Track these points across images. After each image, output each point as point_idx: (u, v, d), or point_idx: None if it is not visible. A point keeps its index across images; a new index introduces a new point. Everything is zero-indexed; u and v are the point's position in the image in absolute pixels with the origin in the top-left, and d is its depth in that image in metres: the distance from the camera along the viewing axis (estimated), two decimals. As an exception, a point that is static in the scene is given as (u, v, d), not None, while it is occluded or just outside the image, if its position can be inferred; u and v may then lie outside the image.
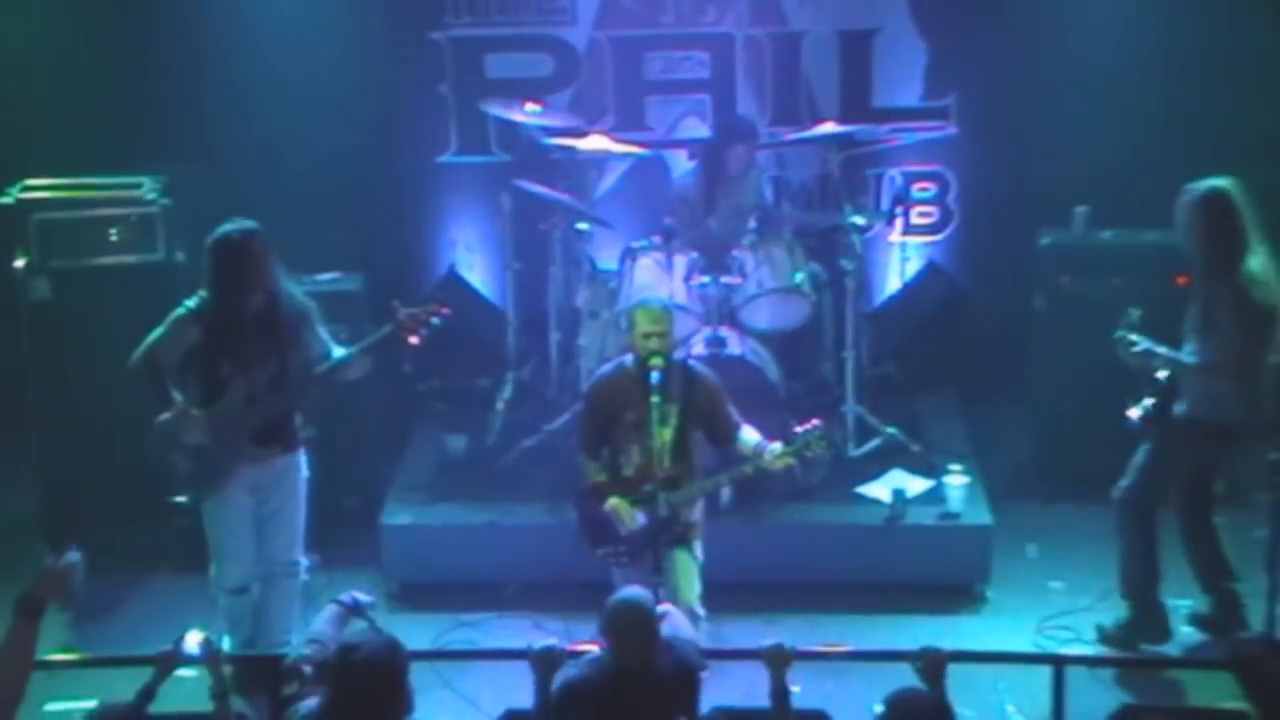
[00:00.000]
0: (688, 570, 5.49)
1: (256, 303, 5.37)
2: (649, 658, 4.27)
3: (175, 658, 4.49)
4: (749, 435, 5.49)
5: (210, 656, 4.49)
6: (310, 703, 4.18)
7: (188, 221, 6.77)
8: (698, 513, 5.59)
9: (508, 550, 6.56)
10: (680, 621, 4.69)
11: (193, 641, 4.48)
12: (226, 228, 5.43)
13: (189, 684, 4.71)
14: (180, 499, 5.59)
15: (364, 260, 7.33)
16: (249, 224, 5.43)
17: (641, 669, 4.25)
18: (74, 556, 3.92)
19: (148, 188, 6.81)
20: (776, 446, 5.40)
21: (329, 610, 4.67)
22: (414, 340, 5.51)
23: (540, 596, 6.28)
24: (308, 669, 4.34)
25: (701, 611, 5.53)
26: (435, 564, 6.63)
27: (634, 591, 4.38)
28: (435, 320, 5.51)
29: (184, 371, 5.52)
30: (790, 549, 6.55)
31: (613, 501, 5.42)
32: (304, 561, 5.76)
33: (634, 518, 5.38)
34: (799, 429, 5.42)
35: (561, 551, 6.21)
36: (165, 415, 5.51)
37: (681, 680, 4.36)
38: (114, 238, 6.70)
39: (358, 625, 4.66)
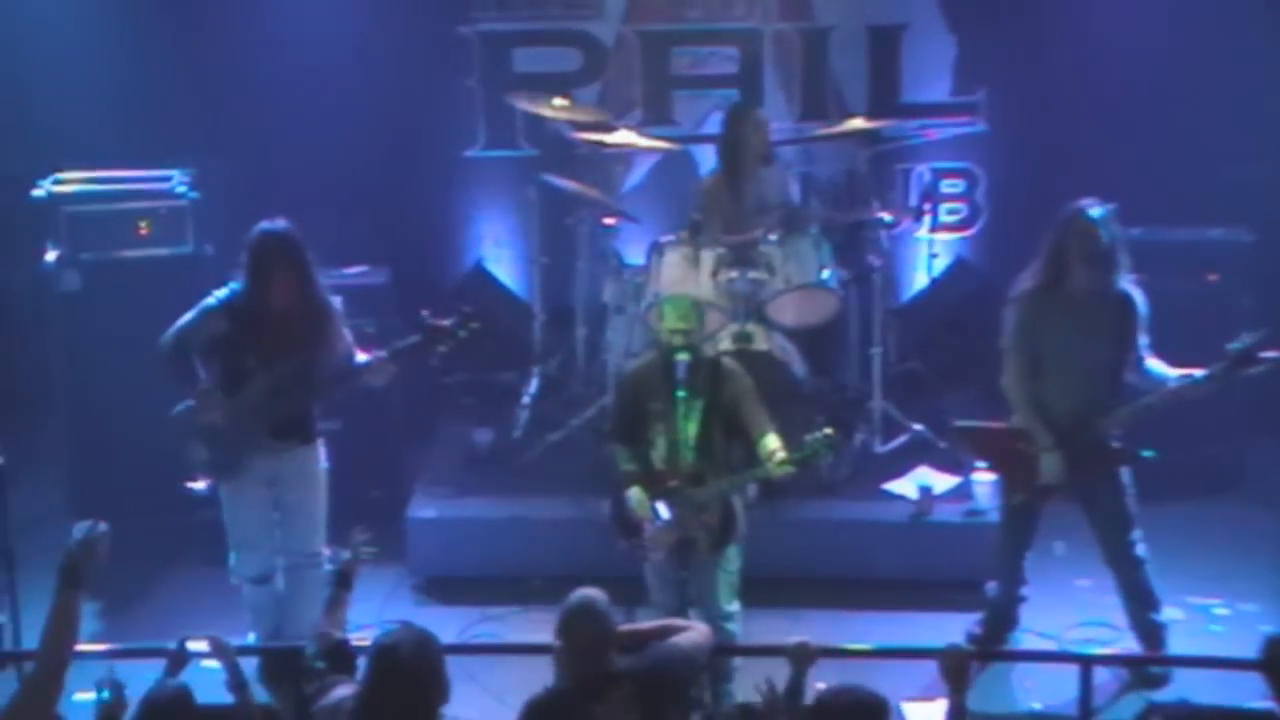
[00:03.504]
0: (716, 579, 5.47)
1: (286, 299, 5.38)
2: (603, 658, 4.21)
3: (183, 655, 4.49)
4: (770, 442, 5.44)
5: (218, 649, 4.47)
6: (340, 692, 4.15)
7: (217, 215, 6.80)
8: (734, 514, 5.53)
9: (533, 544, 6.56)
10: (690, 637, 4.57)
11: (199, 642, 4.48)
12: (265, 225, 5.43)
13: (220, 675, 4.69)
14: (195, 486, 5.59)
15: (391, 254, 7.34)
16: (284, 224, 5.42)
17: (597, 671, 4.19)
18: (101, 526, 3.95)
19: (177, 181, 6.83)
20: (779, 454, 5.36)
21: (325, 601, 4.70)
22: (440, 350, 5.50)
23: (566, 591, 6.02)
24: (321, 664, 4.34)
25: (733, 607, 5.51)
26: (461, 558, 6.63)
27: (585, 592, 4.31)
28: (463, 333, 5.50)
29: (208, 359, 5.54)
30: (815, 544, 6.53)
31: (633, 492, 5.41)
32: (325, 553, 5.75)
33: (650, 511, 5.35)
34: (807, 437, 5.39)
35: (587, 546, 6.18)
36: (188, 401, 5.52)
37: (656, 683, 4.28)
38: (144, 230, 6.73)
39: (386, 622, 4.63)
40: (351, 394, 5.78)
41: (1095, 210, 5.47)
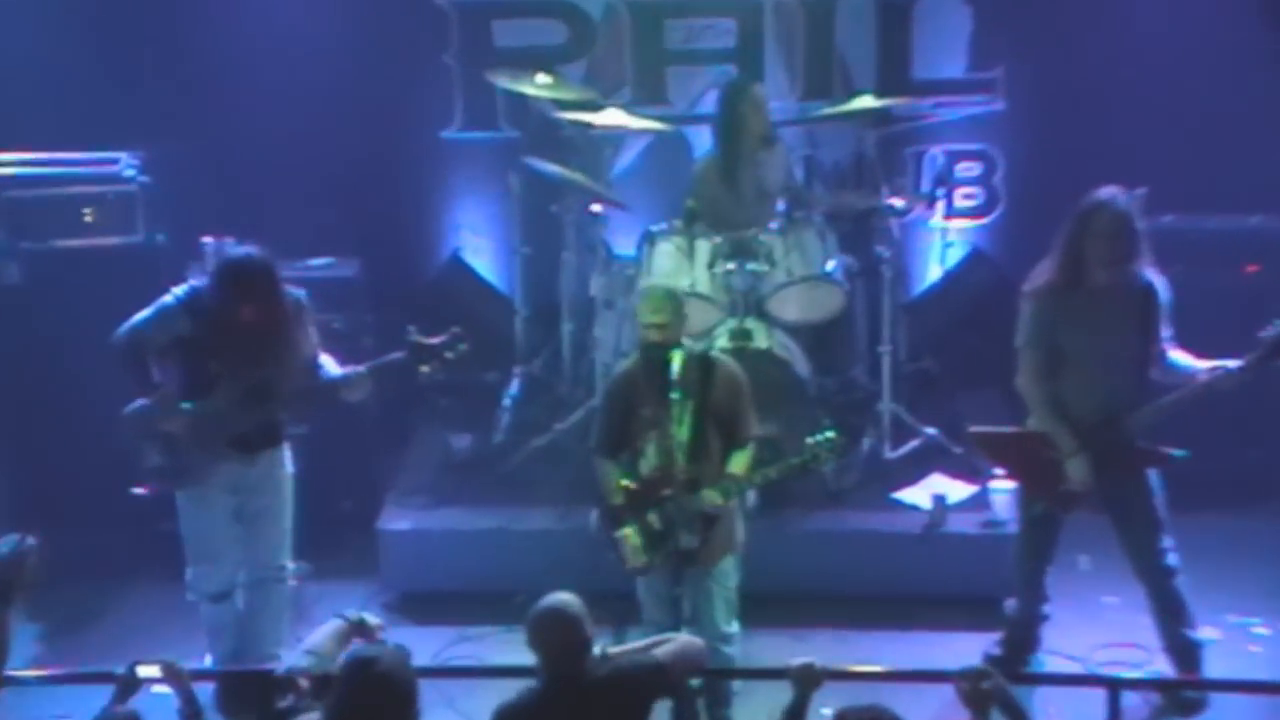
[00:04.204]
0: (712, 595, 5.48)
1: (255, 317, 5.35)
2: (577, 665, 4.26)
3: (133, 681, 4.47)
4: (739, 462, 5.42)
5: (171, 675, 4.46)
6: (309, 718, 4.16)
7: (170, 202, 6.76)
8: (732, 524, 5.53)
9: (516, 558, 6.54)
10: (674, 648, 4.57)
11: (149, 668, 4.45)
12: (234, 256, 5.40)
13: (173, 702, 4.67)
14: (141, 491, 5.57)
15: (360, 245, 7.32)
16: (255, 253, 5.37)
17: (570, 677, 4.24)
18: (29, 540, 3.92)
19: (126, 165, 6.80)
20: (738, 478, 5.34)
21: (332, 624, 4.67)
22: (425, 370, 5.50)
23: None
24: (304, 682, 4.34)
25: (732, 628, 5.51)
26: (437, 573, 6.63)
27: (557, 596, 4.36)
28: (451, 355, 5.50)
29: (166, 362, 5.51)
30: (820, 558, 6.52)
31: (625, 532, 5.42)
32: (291, 567, 5.73)
33: (639, 557, 5.36)
34: (808, 439, 5.38)
35: (575, 559, 6.12)
36: (142, 402, 5.49)
37: (627, 688, 4.33)
38: (89, 218, 6.69)
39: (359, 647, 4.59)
40: (320, 409, 5.78)
41: (1116, 198, 5.46)
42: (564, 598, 4.35)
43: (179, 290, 5.52)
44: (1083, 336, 5.50)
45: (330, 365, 5.60)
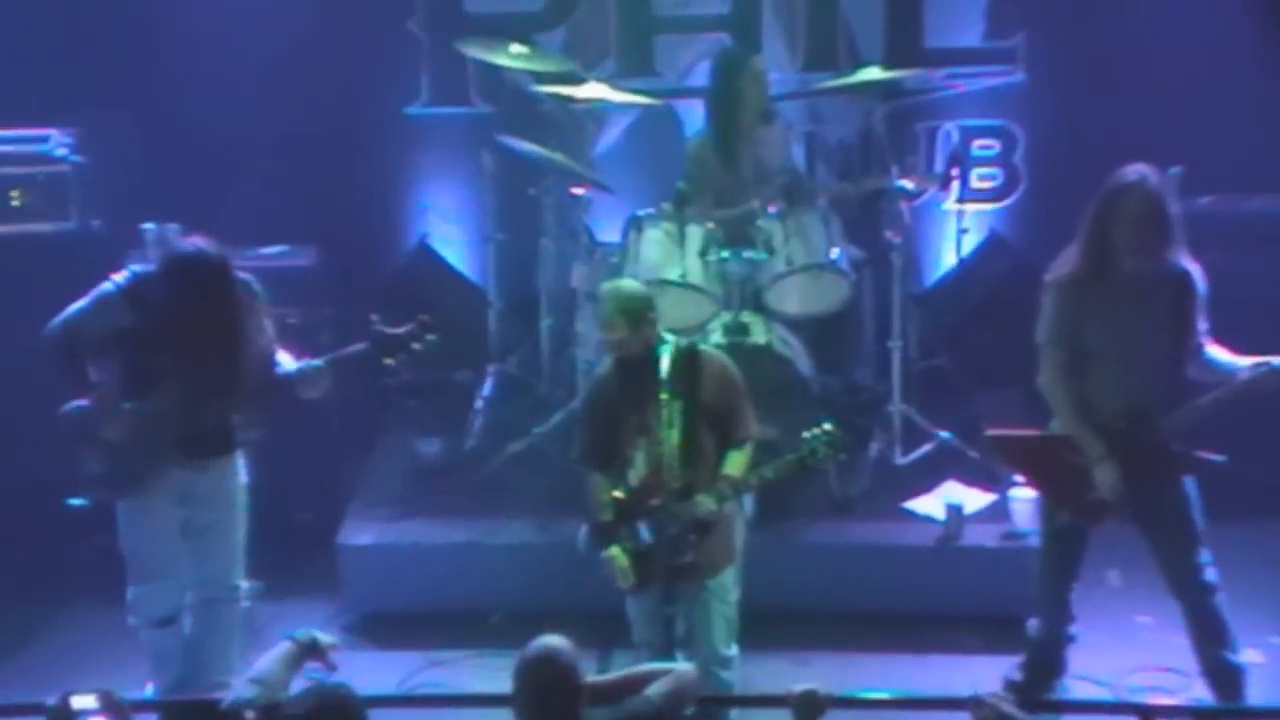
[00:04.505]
0: (709, 613, 5.49)
1: (206, 310, 5.34)
2: (569, 716, 4.26)
3: (66, 713, 4.47)
4: (735, 462, 5.43)
5: (109, 706, 4.47)
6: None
7: (106, 183, 6.73)
8: (731, 533, 5.56)
9: (491, 575, 6.57)
10: (665, 683, 4.55)
11: (84, 699, 4.46)
12: (186, 249, 5.38)
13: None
14: (79, 502, 5.56)
15: (317, 231, 7.31)
16: (206, 247, 5.35)
17: None
18: None
19: (57, 143, 6.77)
20: (735, 480, 5.34)
21: (280, 648, 4.67)
22: (389, 363, 5.50)
23: (529, 630, 6.05)
24: (250, 715, 4.34)
25: (730, 651, 5.53)
26: (403, 592, 6.63)
27: (547, 640, 4.36)
28: (418, 346, 5.51)
29: (105, 357, 5.48)
30: (824, 574, 6.53)
31: (612, 552, 5.44)
32: (244, 586, 5.74)
33: (627, 579, 5.38)
34: (804, 434, 5.40)
35: (556, 576, 6.21)
36: (79, 402, 5.50)
37: None
38: (17, 202, 6.67)
39: (312, 670, 4.67)
40: (278, 403, 5.76)
41: (1147, 178, 5.48)
42: (553, 643, 4.34)
43: (119, 277, 5.48)
44: (1111, 331, 5.50)
45: (287, 362, 5.60)
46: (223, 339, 5.33)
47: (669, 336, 5.52)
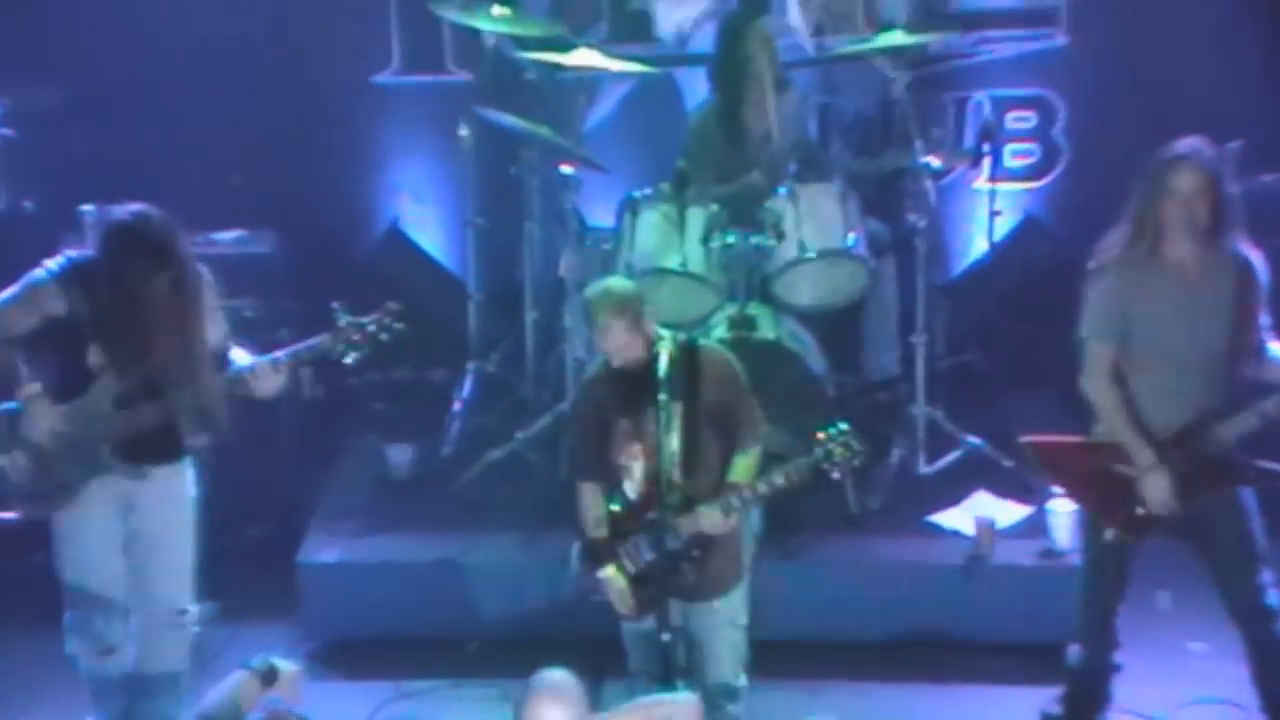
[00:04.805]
0: (715, 638, 5.48)
1: (152, 289, 5.32)
2: None
3: None
4: (743, 464, 5.42)
5: None
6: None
7: (38, 161, 6.71)
8: (738, 548, 5.54)
9: (469, 597, 6.56)
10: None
11: None
12: (124, 214, 5.35)
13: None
14: (6, 516, 5.53)
15: (277, 214, 7.33)
16: (150, 211, 5.32)
17: None
18: None
19: (-20, 116, 6.78)
20: (742, 488, 5.33)
21: (235, 678, 4.67)
22: (353, 357, 5.52)
23: (512, 659, 6.05)
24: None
25: (739, 681, 5.53)
26: (372, 615, 6.63)
27: (550, 676, 4.36)
28: (385, 337, 5.51)
29: (36, 352, 5.44)
30: (840, 595, 6.53)
31: (608, 573, 5.43)
32: (194, 609, 5.73)
33: (625, 602, 5.39)
34: (819, 434, 5.37)
35: (541, 598, 6.23)
36: (7, 404, 5.46)
37: None
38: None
39: (272, 702, 4.66)
40: (228, 404, 5.70)
41: (1200, 153, 5.45)
42: (557, 679, 4.34)
43: (53, 263, 5.44)
44: (1162, 325, 5.48)
45: (241, 358, 5.58)
46: (169, 326, 5.30)
47: (665, 332, 5.50)
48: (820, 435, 5.36)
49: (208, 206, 6.89)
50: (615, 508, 5.44)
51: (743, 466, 5.41)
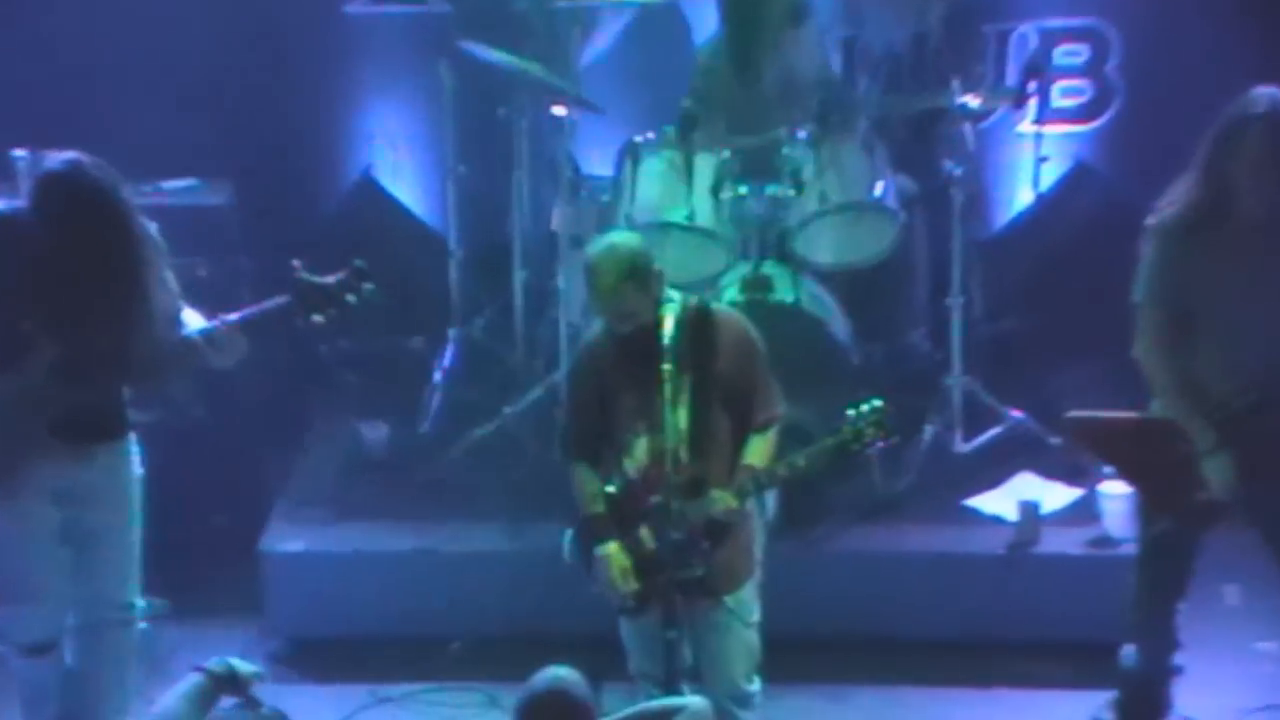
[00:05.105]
0: (726, 638, 5.48)
1: (91, 246, 5.31)
2: None
3: None
4: (757, 448, 5.40)
5: None
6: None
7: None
8: (750, 538, 5.54)
9: (451, 591, 6.57)
10: None
11: None
12: (59, 164, 5.33)
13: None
14: None
15: (233, 162, 7.32)
16: (87, 160, 5.29)
17: None
18: None
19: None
20: (758, 473, 5.33)
21: (189, 682, 4.69)
22: (317, 320, 5.48)
23: (499, 660, 6.24)
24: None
25: (752, 686, 5.54)
26: (343, 611, 6.64)
27: (554, 674, 4.37)
28: (352, 298, 5.48)
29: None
30: (866, 590, 6.54)
31: (608, 549, 5.41)
32: (141, 605, 5.72)
33: (628, 583, 5.38)
34: (848, 412, 5.34)
35: (531, 592, 6.23)
36: None
37: None
38: None
39: (228, 707, 4.67)
40: (184, 373, 5.74)
41: (1277, 101, 5.41)
42: (562, 676, 4.35)
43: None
44: (1227, 291, 5.47)
45: (192, 322, 5.55)
46: (111, 287, 5.28)
47: (674, 294, 5.48)
48: (850, 413, 5.34)
49: (155, 152, 6.87)
50: (612, 489, 5.43)
51: (758, 449, 5.40)
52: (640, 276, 5.31)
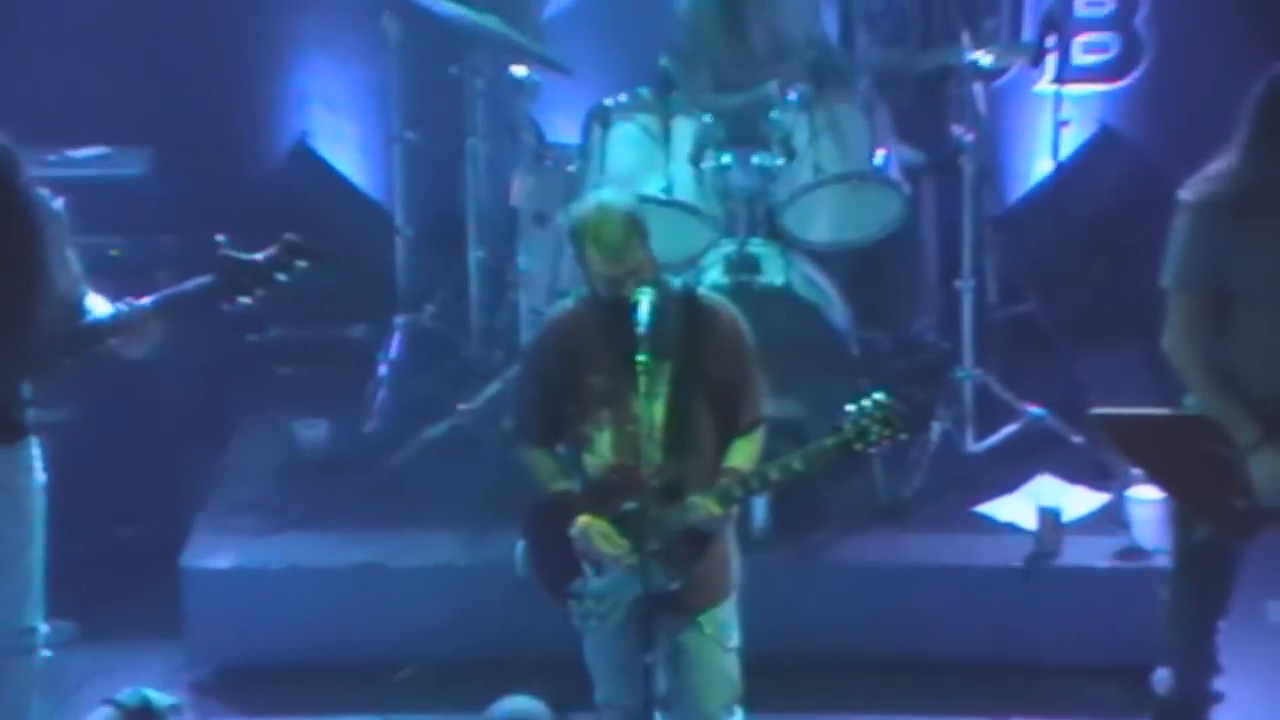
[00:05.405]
0: (704, 662, 5.44)
1: None
2: None
3: None
4: (742, 452, 5.36)
5: None
6: None
7: None
8: (728, 552, 5.50)
9: (397, 611, 6.56)
10: None
11: None
12: None
13: None
14: None
15: (152, 127, 7.33)
16: None
17: None
18: None
19: None
20: (735, 483, 5.28)
21: (99, 716, 4.76)
22: (244, 302, 5.44)
23: (453, 689, 6.28)
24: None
25: (734, 717, 5.50)
26: (275, 635, 6.62)
27: (516, 705, 4.47)
28: (283, 277, 5.45)
29: None
30: (865, 608, 6.55)
31: (584, 521, 5.35)
32: (44, 629, 5.67)
33: (617, 546, 5.31)
34: (849, 408, 5.27)
35: (489, 612, 6.22)
36: None
37: None
38: None
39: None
40: (89, 366, 5.64)
41: None
42: (523, 707, 4.49)
43: None
44: (1268, 276, 5.46)
45: (99, 308, 5.50)
46: (6, 271, 5.25)
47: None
48: (851, 408, 5.31)
49: (61, 116, 6.93)
50: (563, 484, 5.39)
51: (744, 452, 5.36)
52: (643, 229, 5.28)
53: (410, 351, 7.44)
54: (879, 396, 5.28)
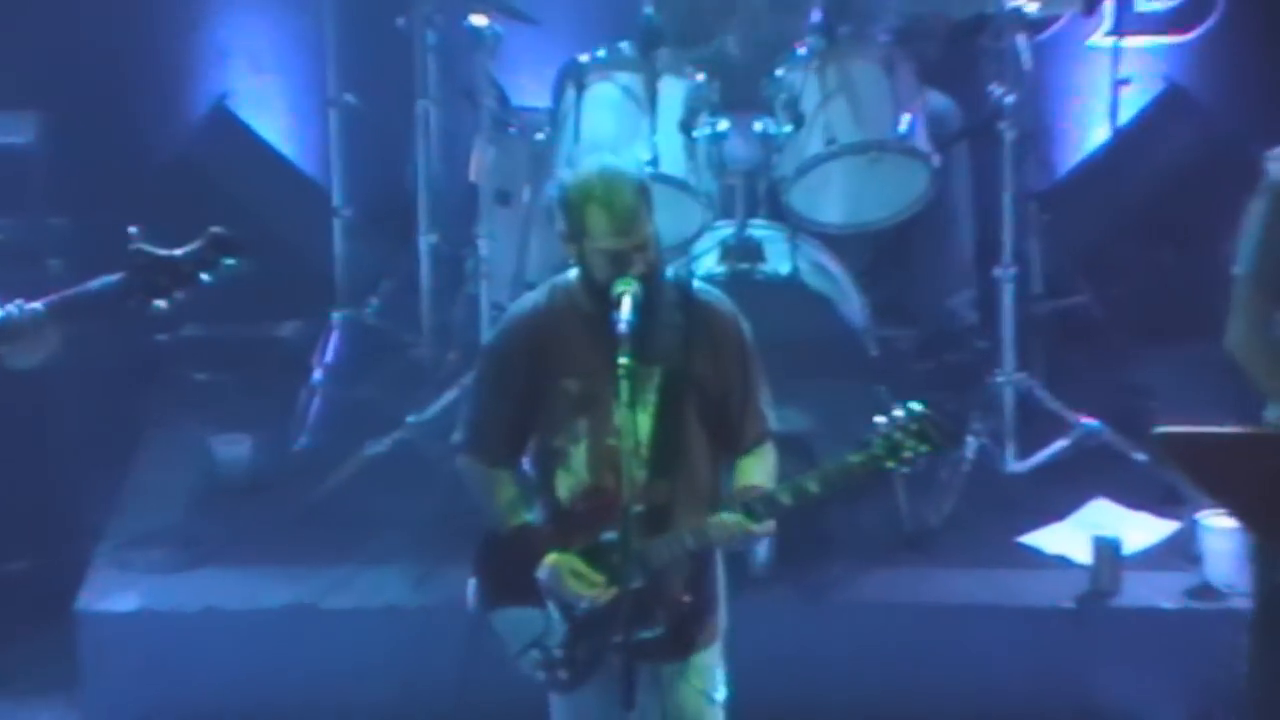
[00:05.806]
0: (690, 714, 5.38)
1: None
2: None
3: None
4: (752, 467, 5.33)
5: None
6: None
7: None
8: (716, 588, 5.45)
9: (333, 658, 6.56)
10: None
11: None
12: None
13: None
14: None
15: (41, 90, 7.36)
16: None
17: None
18: None
19: None
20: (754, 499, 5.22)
21: None
22: (160, 305, 5.36)
23: None
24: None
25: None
26: (188, 687, 6.60)
27: None
28: (207, 276, 5.37)
29: None
30: (889, 654, 6.53)
31: (552, 560, 5.29)
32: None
33: (592, 585, 5.24)
34: (877, 419, 5.22)
35: (439, 659, 6.14)
36: None
37: None
38: None
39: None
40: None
41: None
42: None
43: None
44: None
45: None
46: None
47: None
48: (881, 420, 5.26)
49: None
50: (519, 516, 5.35)
51: (754, 467, 5.32)
52: (650, 201, 5.25)
53: (349, 354, 7.47)
54: (914, 406, 5.23)
